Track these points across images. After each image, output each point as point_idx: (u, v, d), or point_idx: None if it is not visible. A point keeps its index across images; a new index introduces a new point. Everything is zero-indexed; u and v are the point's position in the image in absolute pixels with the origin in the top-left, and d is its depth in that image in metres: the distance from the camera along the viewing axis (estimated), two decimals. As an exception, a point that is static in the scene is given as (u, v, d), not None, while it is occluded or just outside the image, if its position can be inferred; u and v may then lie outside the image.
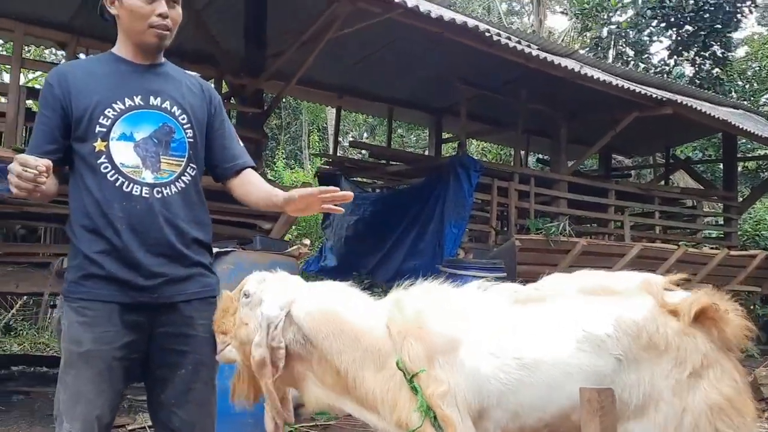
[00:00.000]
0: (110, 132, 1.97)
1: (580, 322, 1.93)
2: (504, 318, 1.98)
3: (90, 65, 2.09)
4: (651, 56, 13.72)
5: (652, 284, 2.01)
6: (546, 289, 2.07)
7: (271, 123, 15.83)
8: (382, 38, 7.19)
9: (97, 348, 1.92)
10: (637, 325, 1.90)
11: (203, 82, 2.23)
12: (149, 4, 1.97)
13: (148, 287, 1.97)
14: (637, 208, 9.29)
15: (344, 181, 8.79)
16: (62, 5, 6.66)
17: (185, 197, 2.05)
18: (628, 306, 1.95)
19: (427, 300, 2.00)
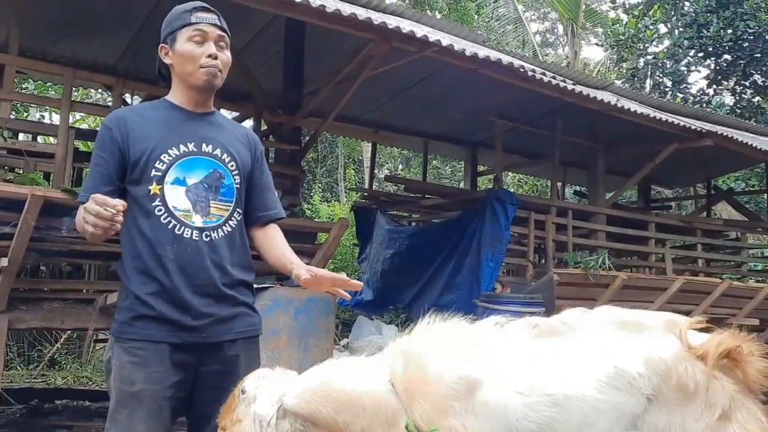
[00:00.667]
0: (165, 176, 2.06)
1: (610, 357, 1.86)
2: (527, 352, 1.90)
3: (146, 111, 2.19)
4: (689, 86, 13.57)
5: (676, 324, 1.97)
6: (572, 322, 2.01)
7: (308, 157, 16.03)
8: (417, 74, 7.27)
9: (149, 388, 1.98)
10: (666, 365, 1.85)
11: (249, 132, 2.35)
12: (200, 47, 2.09)
13: (197, 327, 2.04)
14: (678, 240, 9.10)
15: (380, 215, 8.84)
16: (109, 50, 6.93)
17: (231, 241, 2.14)
18: (655, 344, 1.90)
19: (433, 343, 1.89)
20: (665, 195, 13.08)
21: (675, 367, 1.85)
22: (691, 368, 1.86)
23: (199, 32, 2.09)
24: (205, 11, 2.14)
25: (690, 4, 12.92)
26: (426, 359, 1.82)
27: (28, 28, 5.93)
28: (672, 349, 1.89)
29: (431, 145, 10.15)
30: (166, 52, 2.15)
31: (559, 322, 2.01)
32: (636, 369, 1.84)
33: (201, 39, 2.09)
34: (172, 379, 2.02)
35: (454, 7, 16.39)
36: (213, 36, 2.11)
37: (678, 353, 1.88)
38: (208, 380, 2.08)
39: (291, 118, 6.28)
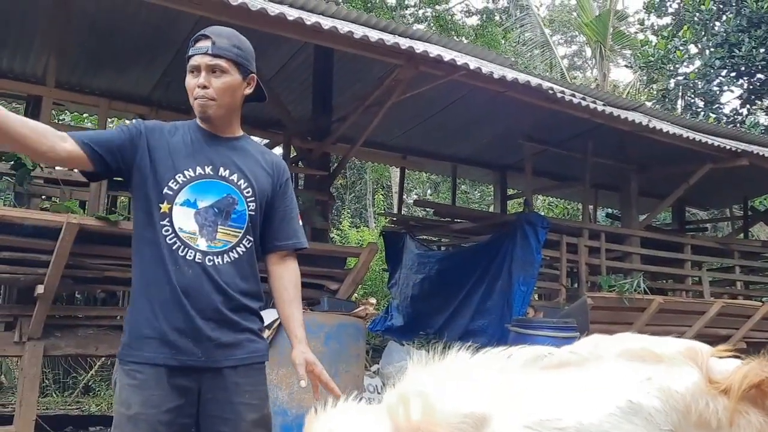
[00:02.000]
0: (176, 196, 2.06)
1: (625, 390, 1.74)
2: (537, 385, 1.77)
3: (174, 129, 2.18)
4: (722, 106, 13.36)
5: (697, 353, 1.82)
6: (584, 353, 1.88)
7: (337, 183, 16.13)
8: (445, 99, 7.29)
9: (144, 411, 1.95)
10: (685, 400, 1.73)
11: (277, 159, 2.30)
12: (194, 78, 2.09)
13: (197, 351, 2.00)
14: (715, 263, 8.90)
15: (409, 239, 8.81)
16: (143, 81, 7.10)
17: (237, 267, 2.10)
18: (673, 377, 1.77)
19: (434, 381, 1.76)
20: (700, 217, 12.83)
21: (695, 403, 1.73)
22: (713, 404, 1.74)
23: (192, 65, 2.09)
24: (202, 40, 2.10)
25: (720, 24, 12.78)
26: (427, 400, 1.70)
27: (66, 62, 6.12)
28: (691, 381, 1.76)
29: (460, 169, 10.13)
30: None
31: (570, 353, 1.88)
32: (652, 404, 1.72)
33: (195, 71, 2.09)
34: (170, 403, 1.97)
35: (481, 33, 16.50)
36: (204, 66, 2.07)
37: (698, 387, 1.76)
38: (210, 408, 2.03)
39: (320, 145, 6.34)
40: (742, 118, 12.98)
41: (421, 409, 1.68)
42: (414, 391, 1.73)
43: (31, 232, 4.44)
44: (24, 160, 4.58)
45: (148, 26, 5.93)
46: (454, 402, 1.69)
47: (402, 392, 1.76)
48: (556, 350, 1.88)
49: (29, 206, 4.83)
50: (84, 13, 5.56)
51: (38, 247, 4.49)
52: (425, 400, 1.69)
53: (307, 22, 4.33)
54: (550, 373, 1.81)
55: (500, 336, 6.68)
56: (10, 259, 4.53)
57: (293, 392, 4.71)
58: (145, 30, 6.00)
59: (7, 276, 4.59)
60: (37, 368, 4.87)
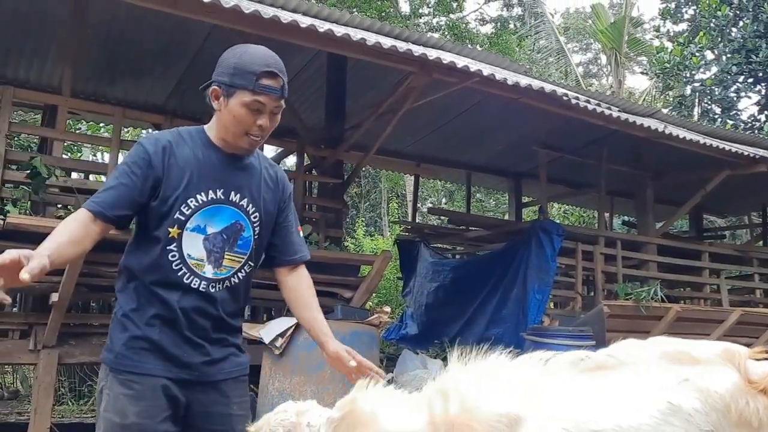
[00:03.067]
0: (187, 222, 2.01)
1: (664, 392, 1.75)
2: (573, 388, 1.78)
3: (185, 143, 2.07)
4: (740, 113, 13.22)
5: (735, 354, 1.83)
6: (621, 356, 1.88)
7: (351, 191, 16.17)
8: (459, 106, 7.27)
9: (140, 421, 1.95)
10: (725, 400, 1.73)
11: (280, 173, 2.27)
12: (253, 115, 2.00)
13: (191, 365, 2.03)
14: (734, 271, 8.77)
15: (424, 247, 8.78)
16: (158, 90, 7.15)
17: (234, 293, 2.12)
18: (712, 377, 1.78)
19: (472, 380, 1.79)
20: (718, 224, 12.68)
21: (735, 402, 1.74)
22: (753, 403, 1.74)
23: (258, 102, 1.98)
24: (273, 77, 2.00)
25: (737, 30, 12.66)
26: (465, 397, 1.73)
27: (82, 71, 6.17)
28: (730, 382, 1.77)
29: (474, 176, 10.10)
30: (216, 95, 2.03)
31: (607, 356, 1.89)
32: (692, 405, 1.73)
33: (257, 109, 1.99)
34: (164, 413, 1.99)
35: (495, 41, 16.47)
36: (271, 107, 2.01)
37: (737, 387, 1.77)
38: (200, 421, 2.06)
39: (333, 152, 6.33)
40: (759, 125, 12.83)
41: (459, 404, 1.71)
42: (453, 388, 1.76)
43: (46, 241, 4.45)
44: (39, 168, 4.61)
45: (162, 35, 5.98)
46: (491, 401, 1.72)
47: (442, 387, 1.79)
48: (593, 354, 1.89)
49: (45, 214, 4.86)
50: (99, 22, 5.61)
51: (53, 255, 4.50)
52: (464, 396, 1.72)
53: (320, 30, 4.33)
54: (587, 376, 1.82)
55: (515, 345, 6.57)
56: (26, 267, 4.54)
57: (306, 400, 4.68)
58: (159, 39, 6.04)
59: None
60: (52, 376, 4.88)
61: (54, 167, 4.86)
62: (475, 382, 1.78)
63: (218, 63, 2.06)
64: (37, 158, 4.69)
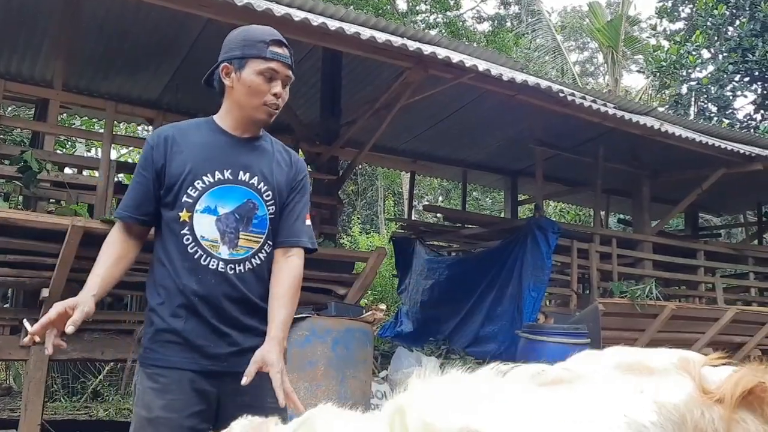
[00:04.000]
0: (196, 204, 2.02)
1: (620, 405, 1.69)
2: (531, 403, 1.72)
3: (190, 131, 2.12)
4: (736, 111, 13.23)
5: (690, 363, 1.78)
6: (577, 369, 1.83)
7: (348, 189, 16.13)
8: (455, 103, 7.24)
9: (166, 415, 1.94)
10: (680, 411, 1.68)
11: (295, 157, 2.25)
12: (268, 83, 2.03)
13: (219, 355, 2.00)
14: (729, 269, 8.77)
15: (419, 245, 8.76)
16: (151, 85, 7.10)
17: (258, 274, 2.08)
18: (667, 388, 1.73)
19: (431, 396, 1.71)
20: (713, 222, 12.69)
21: (690, 413, 1.68)
22: (708, 414, 1.68)
23: (271, 69, 2.03)
24: (281, 46, 2.07)
25: (734, 29, 12.67)
26: (425, 414, 1.65)
27: (75, 66, 6.13)
28: (685, 392, 1.72)
29: (470, 174, 10.07)
30: (228, 72, 2.06)
31: (563, 369, 1.83)
32: (648, 417, 1.66)
33: (271, 76, 2.03)
34: (192, 408, 1.97)
35: (492, 39, 16.45)
36: (283, 75, 2.05)
37: (692, 397, 1.71)
38: (231, 413, 1.95)
39: (328, 149, 6.30)
40: (756, 124, 12.85)
41: (419, 421, 1.64)
42: (411, 404, 1.69)
43: (37, 235, 4.42)
44: (30, 162, 4.56)
45: (156, 30, 5.93)
46: (449, 416, 1.65)
47: (400, 404, 1.71)
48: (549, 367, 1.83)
49: (36, 209, 4.81)
50: (93, 16, 5.57)
51: (44, 250, 4.47)
52: (421, 412, 1.65)
53: (313, 23, 4.29)
54: (545, 390, 1.76)
55: (510, 342, 6.61)
56: (16, 263, 4.51)
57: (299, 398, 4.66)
58: (153, 34, 6.00)
59: (13, 279, 4.58)
60: (43, 372, 4.84)
61: (45, 161, 4.81)
62: (433, 397, 1.71)
63: (224, 44, 2.11)
64: (28, 152, 4.64)
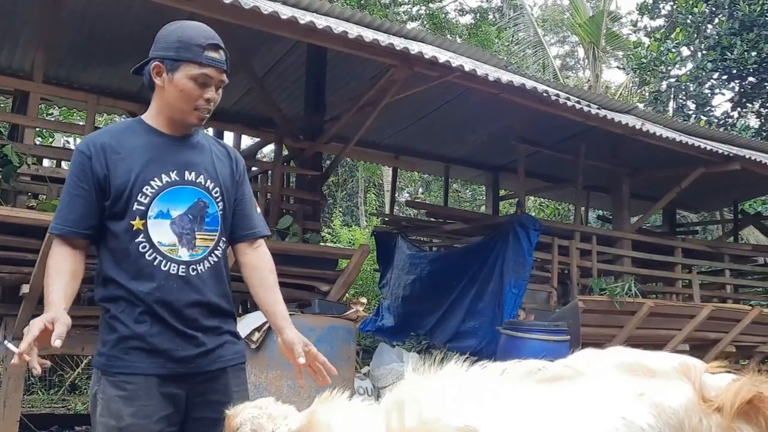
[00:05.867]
0: (148, 210, 1.99)
1: (619, 406, 1.73)
2: (531, 399, 1.76)
3: (125, 137, 2.06)
4: (713, 109, 13.42)
5: (691, 369, 1.81)
6: (579, 366, 1.86)
7: (328, 180, 16.06)
8: (439, 99, 7.25)
9: (137, 422, 1.93)
10: (678, 416, 1.71)
11: (230, 148, 2.27)
12: (201, 89, 2.00)
13: (186, 358, 2.00)
14: (705, 266, 8.92)
15: (401, 240, 8.77)
16: (131, 77, 6.97)
17: (216, 272, 2.09)
18: (667, 392, 1.75)
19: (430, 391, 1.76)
20: (690, 219, 12.87)
21: (688, 419, 1.72)
22: (706, 421, 1.72)
23: (205, 75, 1.99)
24: (216, 50, 2.02)
25: (713, 27, 12.82)
26: (422, 409, 1.71)
27: (55, 56, 6.02)
28: (685, 397, 1.75)
29: (452, 169, 10.10)
30: (159, 72, 2.01)
31: (565, 367, 1.87)
32: (645, 420, 1.70)
33: (205, 81, 2.00)
34: (160, 413, 1.96)
35: (474, 32, 16.47)
36: (216, 81, 2.02)
37: (691, 403, 1.74)
38: (198, 411, 2.03)
39: (312, 144, 6.28)
40: (733, 121, 13.05)
41: (416, 416, 1.68)
42: (410, 398, 1.74)
43: (16, 231, 4.36)
44: (10, 156, 4.49)
45: (138, 21, 5.84)
46: (447, 413, 1.69)
47: (398, 398, 1.76)
48: (549, 364, 1.86)
49: (15, 203, 4.73)
50: (74, 6, 5.47)
51: (24, 245, 4.41)
52: (420, 408, 1.69)
53: (300, 21, 4.26)
54: (543, 387, 1.79)
55: (491, 338, 6.66)
56: (-4, 258, 4.45)
57: (282, 394, 4.66)
58: (135, 25, 5.90)
59: (-8, 275, 4.52)
60: (22, 368, 4.78)
61: (26, 155, 4.74)
62: (431, 393, 1.76)
63: (157, 39, 2.06)
64: (8, 146, 4.57)
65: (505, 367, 1.84)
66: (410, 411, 1.69)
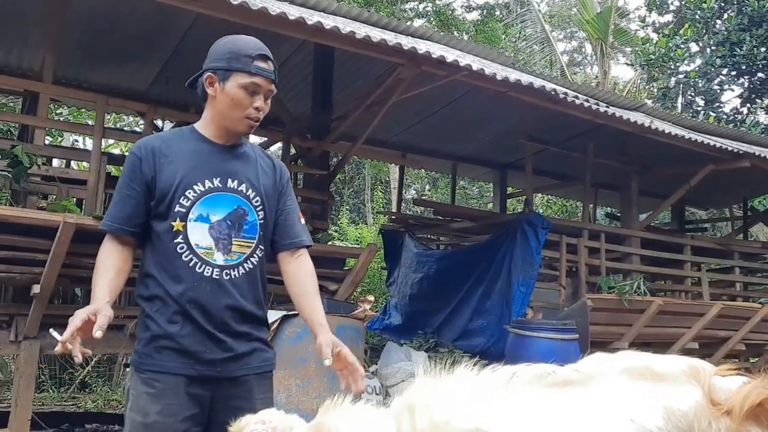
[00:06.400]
0: (189, 213, 2.07)
1: (627, 409, 1.72)
2: (540, 403, 1.76)
3: (175, 142, 2.17)
4: (723, 105, 13.34)
5: (700, 372, 1.80)
6: (587, 370, 1.86)
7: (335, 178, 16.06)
8: (446, 97, 7.24)
9: (162, 420, 1.99)
10: (687, 419, 1.70)
11: (276, 160, 2.33)
12: (250, 97, 2.08)
13: (214, 361, 2.06)
14: (714, 264, 8.87)
15: (408, 238, 8.77)
16: (141, 77, 7.03)
17: (251, 279, 2.14)
18: (676, 395, 1.75)
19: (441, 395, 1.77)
20: (700, 216, 12.80)
21: (698, 422, 1.71)
22: (715, 424, 1.71)
23: (255, 84, 2.08)
24: (266, 61, 2.11)
25: (722, 23, 12.73)
26: (434, 413, 1.72)
27: (63, 56, 6.04)
28: (694, 400, 1.74)
29: (460, 167, 10.08)
30: (211, 82, 2.11)
31: (574, 371, 1.87)
32: (654, 422, 1.69)
33: (254, 90, 2.08)
34: (186, 412, 2.02)
35: (481, 29, 16.42)
36: (265, 90, 2.11)
37: (700, 406, 1.73)
38: (222, 416, 2.05)
39: (320, 143, 6.28)
40: (742, 117, 12.96)
41: (427, 420, 1.69)
42: (420, 402, 1.75)
43: (27, 231, 4.39)
44: (21, 157, 4.52)
45: (146, 21, 5.86)
46: (458, 416, 1.70)
47: (409, 401, 1.77)
48: (559, 368, 1.87)
49: (26, 204, 4.77)
50: (82, 6, 5.49)
51: (35, 246, 4.44)
52: (431, 411, 1.70)
53: (308, 22, 4.27)
54: (553, 391, 1.80)
55: (499, 337, 6.66)
56: (7, 258, 4.48)
57: (291, 395, 4.69)
58: (143, 25, 5.93)
59: (3, 275, 4.54)
60: (33, 367, 4.82)
61: (36, 156, 4.77)
62: (441, 396, 1.77)
63: (210, 53, 2.15)
64: (19, 147, 4.59)
65: (515, 371, 1.84)
66: (421, 414, 1.70)
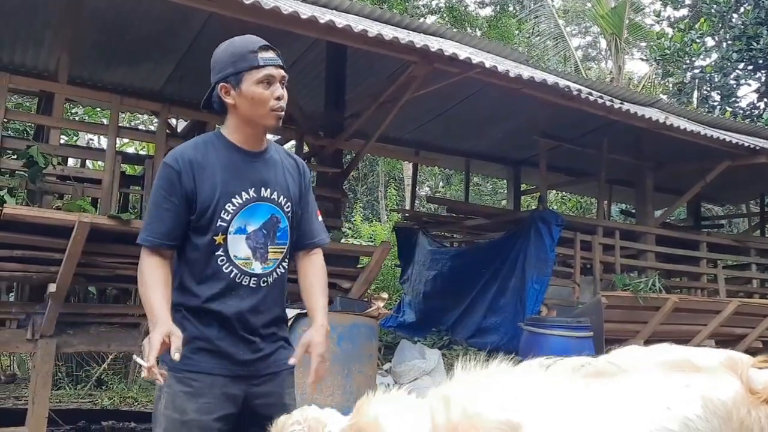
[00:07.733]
0: (229, 226, 2.11)
1: (665, 399, 1.74)
2: (572, 395, 1.78)
3: (208, 151, 2.15)
4: (739, 100, 13.19)
5: (737, 363, 1.83)
6: (622, 362, 1.88)
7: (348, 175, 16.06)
8: (459, 94, 7.21)
9: (199, 417, 2.05)
10: (726, 407, 1.72)
11: (299, 161, 2.36)
12: (268, 89, 2.09)
13: (247, 361, 2.13)
14: (731, 260, 8.78)
15: (422, 235, 8.77)
16: (155, 76, 7.07)
17: (280, 282, 2.22)
18: (713, 385, 1.77)
19: (474, 387, 1.81)
20: (716, 212, 12.68)
21: (737, 410, 1.73)
22: (755, 412, 1.74)
23: (267, 75, 2.09)
24: (269, 50, 2.13)
25: (738, 17, 12.59)
26: (467, 404, 1.76)
27: (78, 57, 6.09)
28: (733, 390, 1.77)
29: (473, 164, 10.06)
30: (227, 91, 2.11)
31: (608, 363, 1.90)
32: (693, 410, 1.72)
33: (269, 82, 2.09)
34: (221, 411, 2.08)
35: (495, 24, 16.34)
36: (279, 77, 2.11)
37: (739, 395, 1.76)
38: (254, 412, 2.15)
39: (333, 141, 6.27)
40: (759, 112, 12.82)
41: (461, 411, 1.74)
42: (455, 394, 1.80)
43: (43, 231, 4.43)
44: (36, 158, 4.56)
45: (160, 21, 5.89)
46: (492, 408, 1.74)
47: (444, 394, 1.83)
48: (593, 360, 1.90)
49: (42, 203, 4.80)
50: (96, 7, 5.52)
51: (51, 245, 4.48)
52: (466, 403, 1.75)
53: (320, 21, 4.26)
54: (587, 382, 1.82)
55: (513, 334, 6.64)
56: (23, 258, 4.52)
57: (305, 393, 4.69)
58: (156, 25, 5.96)
59: (19, 274, 4.60)
60: (50, 365, 4.87)
61: (51, 155, 4.80)
62: (477, 388, 1.81)
63: (213, 65, 2.16)
64: (34, 147, 4.63)
65: (549, 364, 1.88)
66: (455, 406, 1.75)
